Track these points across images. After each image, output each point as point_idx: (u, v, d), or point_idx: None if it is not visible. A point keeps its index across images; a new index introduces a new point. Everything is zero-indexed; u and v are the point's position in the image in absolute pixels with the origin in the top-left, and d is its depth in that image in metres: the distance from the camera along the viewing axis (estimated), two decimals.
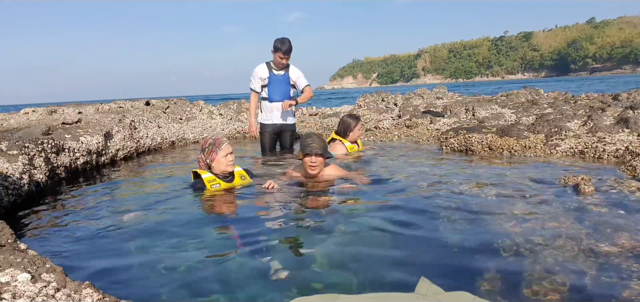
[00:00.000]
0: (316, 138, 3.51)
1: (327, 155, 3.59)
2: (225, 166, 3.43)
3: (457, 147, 5.18)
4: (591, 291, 1.72)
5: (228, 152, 3.44)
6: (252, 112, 5.59)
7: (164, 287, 1.90)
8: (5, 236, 1.87)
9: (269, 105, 5.46)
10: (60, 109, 7.45)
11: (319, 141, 3.50)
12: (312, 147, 3.45)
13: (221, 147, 3.42)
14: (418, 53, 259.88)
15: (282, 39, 5.29)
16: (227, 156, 3.43)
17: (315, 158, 3.47)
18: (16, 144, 3.64)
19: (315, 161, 3.48)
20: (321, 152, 3.48)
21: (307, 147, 3.47)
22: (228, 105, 8.78)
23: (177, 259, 2.16)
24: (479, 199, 2.99)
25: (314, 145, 3.45)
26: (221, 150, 3.41)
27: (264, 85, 5.44)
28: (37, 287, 1.45)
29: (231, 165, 3.47)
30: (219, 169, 3.44)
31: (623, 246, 2.09)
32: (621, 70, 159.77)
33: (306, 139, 3.52)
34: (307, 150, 3.46)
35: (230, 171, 3.48)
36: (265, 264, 2.05)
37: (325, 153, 3.56)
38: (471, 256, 2.07)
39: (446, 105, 7.93)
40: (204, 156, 3.48)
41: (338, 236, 2.42)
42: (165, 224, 2.71)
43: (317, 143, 3.47)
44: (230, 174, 3.53)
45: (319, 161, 3.50)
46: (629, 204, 2.72)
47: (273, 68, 5.41)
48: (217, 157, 3.41)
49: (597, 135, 4.70)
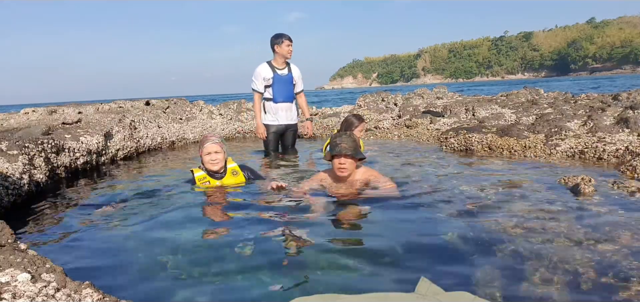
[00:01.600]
0: (346, 138, 3.19)
1: (358, 156, 3.23)
2: (207, 164, 3.54)
3: (457, 147, 5.18)
4: (591, 290, 1.72)
5: (210, 151, 3.51)
6: (257, 114, 5.49)
7: (164, 287, 1.90)
8: (5, 236, 1.87)
9: (274, 107, 5.41)
10: (60, 109, 7.45)
11: (349, 141, 3.17)
12: (341, 148, 3.14)
13: (204, 145, 3.55)
14: (418, 53, 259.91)
15: (280, 33, 5.29)
16: (210, 155, 3.51)
17: (345, 159, 3.15)
18: (16, 144, 3.64)
19: (345, 162, 3.15)
20: (351, 153, 3.14)
21: (336, 147, 3.16)
22: (228, 105, 8.78)
23: (177, 258, 2.16)
24: (478, 199, 2.99)
25: (344, 146, 3.14)
26: (204, 148, 3.54)
27: (268, 85, 5.38)
28: (37, 287, 1.45)
29: (212, 164, 3.53)
30: (205, 165, 3.58)
31: (623, 245, 2.09)
32: (621, 70, 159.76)
33: (335, 139, 3.21)
34: (336, 150, 3.15)
35: (213, 169, 3.54)
36: (263, 262, 2.05)
37: (357, 154, 3.21)
38: (471, 255, 2.07)
39: (446, 105, 7.93)
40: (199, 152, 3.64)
41: (337, 235, 2.42)
42: (165, 224, 2.71)
43: (347, 143, 3.15)
44: (218, 172, 3.58)
45: (349, 162, 3.17)
46: (628, 204, 2.72)
47: (276, 67, 5.36)
48: (202, 154, 3.56)
49: (597, 135, 4.70)
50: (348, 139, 3.18)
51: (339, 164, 3.17)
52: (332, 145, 3.21)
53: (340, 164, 3.16)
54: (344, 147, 3.13)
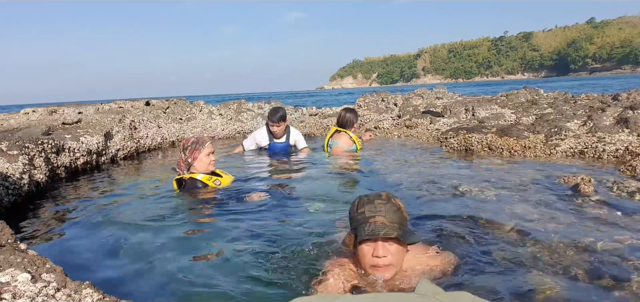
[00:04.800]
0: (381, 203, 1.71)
1: (409, 239, 1.72)
2: (207, 166, 3.41)
3: (457, 147, 5.18)
4: (591, 290, 1.72)
5: (210, 151, 3.43)
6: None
7: (164, 287, 1.90)
8: (5, 236, 1.87)
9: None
10: (60, 109, 7.45)
11: (387, 209, 1.70)
12: (375, 226, 1.66)
13: (204, 145, 3.40)
14: (418, 53, 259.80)
15: (275, 109, 5.45)
16: (210, 155, 3.42)
17: (385, 245, 1.68)
18: (16, 144, 3.64)
19: (385, 252, 1.68)
20: (396, 234, 1.66)
21: (366, 224, 1.68)
22: (228, 106, 8.77)
23: (177, 259, 2.16)
24: (478, 199, 2.99)
25: (379, 222, 1.67)
26: (205, 148, 3.39)
27: (263, 148, 5.54)
28: (37, 287, 1.45)
29: (213, 165, 3.46)
30: (201, 168, 3.39)
31: (622, 245, 2.09)
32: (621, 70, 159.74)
33: (359, 209, 1.74)
34: (367, 230, 1.67)
35: (211, 170, 3.46)
36: (266, 262, 2.05)
37: (406, 235, 1.71)
38: (471, 255, 2.07)
39: (446, 105, 7.93)
40: (185, 156, 3.38)
41: (336, 233, 2.42)
42: (165, 224, 2.71)
43: (385, 215, 1.69)
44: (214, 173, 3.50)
45: (393, 249, 1.69)
46: (628, 204, 2.73)
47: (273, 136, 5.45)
48: (200, 156, 3.36)
49: (597, 135, 4.70)
50: (387, 205, 1.71)
51: (375, 254, 1.68)
52: (356, 220, 1.74)
53: (375, 255, 1.68)
54: (380, 224, 1.66)
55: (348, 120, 5.30)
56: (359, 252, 1.72)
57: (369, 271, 1.72)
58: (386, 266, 1.68)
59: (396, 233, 1.64)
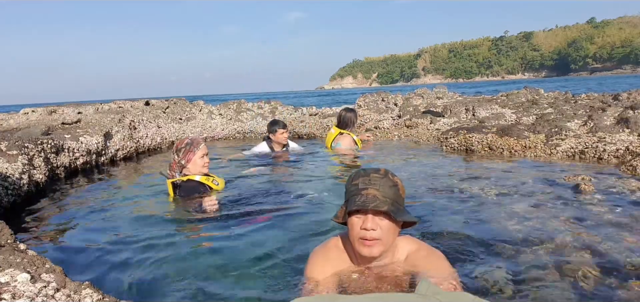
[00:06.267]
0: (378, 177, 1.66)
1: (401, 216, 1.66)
2: (201, 168, 3.29)
3: (457, 147, 5.18)
4: (591, 290, 1.72)
5: (205, 153, 3.32)
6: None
7: (164, 287, 1.90)
8: (5, 236, 1.87)
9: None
10: (60, 109, 7.45)
11: (381, 183, 1.65)
12: (366, 198, 1.62)
13: (199, 147, 3.28)
14: (418, 53, 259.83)
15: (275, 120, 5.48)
16: (204, 157, 3.30)
17: (375, 219, 1.62)
18: (16, 144, 3.64)
19: (374, 226, 1.62)
20: (387, 208, 1.60)
21: (358, 196, 1.64)
22: (228, 106, 8.77)
23: (176, 259, 2.16)
24: (479, 199, 2.99)
25: (371, 194, 1.62)
26: (199, 150, 3.27)
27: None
28: (36, 287, 1.44)
29: (206, 167, 3.34)
30: (195, 170, 3.27)
31: (623, 245, 2.09)
32: (621, 70, 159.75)
33: (353, 180, 1.71)
34: (358, 202, 1.62)
35: (205, 172, 3.34)
36: (266, 262, 2.05)
37: (399, 212, 1.65)
38: (471, 255, 2.07)
39: (446, 105, 7.92)
40: (178, 157, 3.26)
41: None
42: (165, 224, 2.71)
43: (378, 188, 1.63)
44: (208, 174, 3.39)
45: (383, 225, 1.63)
46: (628, 204, 2.72)
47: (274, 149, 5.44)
48: (194, 158, 3.25)
49: (598, 135, 4.69)
50: (381, 180, 1.66)
51: (363, 227, 1.63)
52: (350, 193, 1.70)
53: (363, 228, 1.63)
54: (371, 197, 1.61)
55: (348, 119, 5.32)
56: (349, 224, 1.68)
57: (356, 245, 1.66)
58: (374, 240, 1.62)
59: (387, 207, 1.58)
